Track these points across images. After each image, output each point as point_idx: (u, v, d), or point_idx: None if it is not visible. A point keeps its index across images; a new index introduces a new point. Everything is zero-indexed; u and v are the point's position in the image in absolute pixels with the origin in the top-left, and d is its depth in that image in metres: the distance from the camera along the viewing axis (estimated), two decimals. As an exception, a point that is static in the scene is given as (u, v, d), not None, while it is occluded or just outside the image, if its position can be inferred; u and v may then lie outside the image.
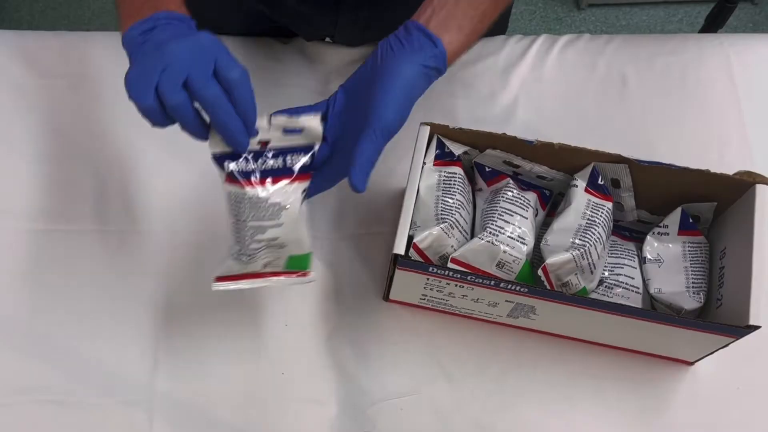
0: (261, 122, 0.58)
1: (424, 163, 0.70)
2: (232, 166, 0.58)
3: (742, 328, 0.63)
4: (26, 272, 0.77)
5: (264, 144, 0.59)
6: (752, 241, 0.66)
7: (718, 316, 0.69)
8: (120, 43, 0.87)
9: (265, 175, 0.58)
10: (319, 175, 0.61)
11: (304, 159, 0.60)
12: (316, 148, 0.60)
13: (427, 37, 0.60)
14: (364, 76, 0.61)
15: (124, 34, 0.57)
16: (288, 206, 0.59)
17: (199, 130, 0.56)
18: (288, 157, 0.59)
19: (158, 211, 0.80)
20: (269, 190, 0.59)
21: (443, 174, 0.72)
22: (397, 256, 0.65)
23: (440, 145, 0.72)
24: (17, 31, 0.89)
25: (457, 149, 0.73)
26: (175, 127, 0.57)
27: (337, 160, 0.61)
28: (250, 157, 0.58)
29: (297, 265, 0.62)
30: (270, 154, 0.59)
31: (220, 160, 0.58)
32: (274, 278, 0.62)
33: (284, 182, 0.59)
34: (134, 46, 0.56)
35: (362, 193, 0.58)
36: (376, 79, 0.59)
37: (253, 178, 0.58)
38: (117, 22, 0.61)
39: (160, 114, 0.54)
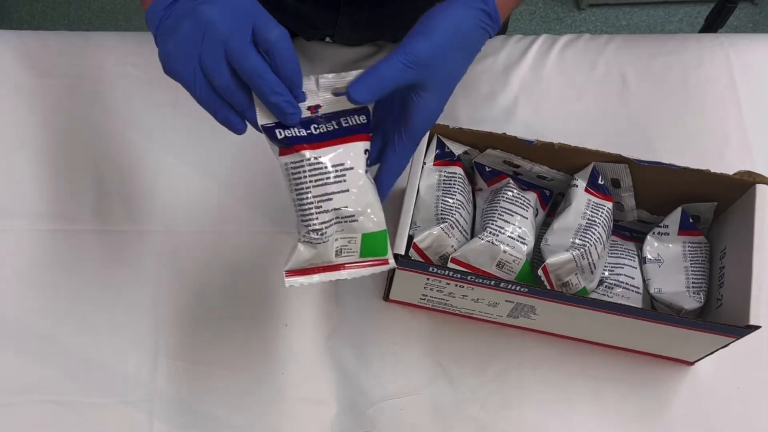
0: (308, 85, 0.53)
1: (424, 163, 0.70)
2: (285, 133, 0.53)
3: (742, 328, 0.63)
4: (26, 272, 0.77)
5: (314, 109, 0.54)
6: (752, 241, 0.66)
7: (718, 316, 0.69)
8: (120, 43, 0.88)
9: (321, 138, 0.54)
10: (378, 172, 0.57)
11: (360, 119, 0.55)
12: (371, 107, 0.56)
13: None
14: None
15: (146, 11, 0.53)
16: (352, 166, 0.54)
17: (251, 110, 0.52)
18: (342, 120, 0.55)
19: (159, 211, 0.80)
20: (328, 152, 0.54)
21: (443, 174, 0.72)
22: (397, 256, 0.65)
23: (440, 145, 0.72)
24: (17, 31, 0.89)
25: (457, 149, 0.73)
26: (175, 127, 0.57)
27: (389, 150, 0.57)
28: (301, 124, 0.54)
29: (373, 250, 0.57)
30: (322, 119, 0.54)
31: (270, 131, 0.53)
32: (350, 271, 0.57)
33: (343, 144, 0.54)
34: (158, 22, 0.52)
35: (359, 104, 0.52)
36: (414, 27, 0.55)
37: (308, 143, 0.53)
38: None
39: (209, 92, 0.51)
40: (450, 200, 0.70)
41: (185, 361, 0.74)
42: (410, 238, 0.68)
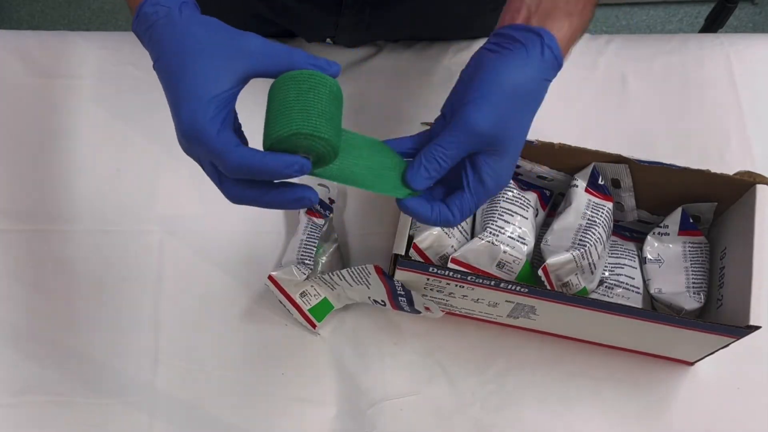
0: None
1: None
2: None
3: (742, 329, 0.63)
4: (26, 273, 0.77)
5: None
6: (752, 241, 0.66)
7: (719, 317, 0.69)
8: (120, 43, 0.88)
9: None
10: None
11: None
12: None
13: (530, 32, 0.51)
14: (456, 91, 0.53)
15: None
16: None
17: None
18: None
19: (159, 211, 0.80)
20: None
21: (443, 174, 0.72)
22: (397, 256, 0.65)
23: (440, 145, 0.72)
24: (17, 31, 0.89)
25: (457, 149, 0.72)
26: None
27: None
28: None
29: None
30: None
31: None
32: None
33: None
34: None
35: (419, 190, 0.51)
36: (467, 89, 0.51)
37: None
38: (123, 15, 0.60)
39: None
40: (450, 200, 0.70)
41: (185, 361, 0.74)
42: (410, 238, 0.68)
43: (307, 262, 0.72)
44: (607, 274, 0.73)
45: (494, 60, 0.51)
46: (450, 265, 0.69)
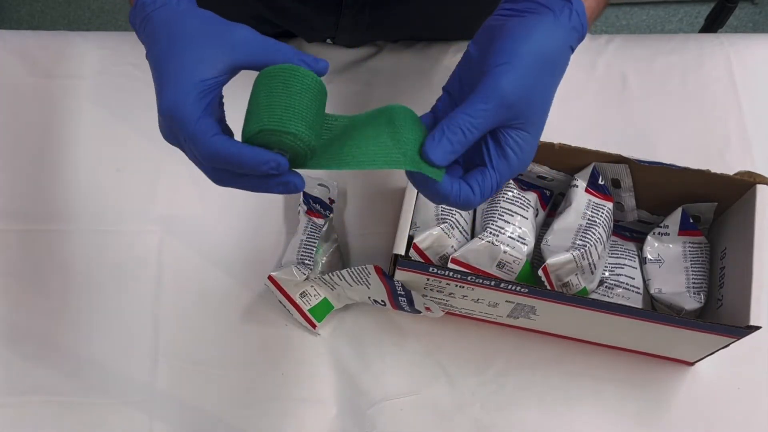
0: None
1: (424, 163, 0.70)
2: None
3: (742, 329, 0.63)
4: (26, 273, 0.77)
5: None
6: (752, 241, 0.66)
7: (719, 317, 0.69)
8: (120, 43, 0.88)
9: None
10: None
11: None
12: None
13: None
14: (468, 65, 0.49)
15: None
16: None
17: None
18: None
19: (158, 211, 0.80)
20: None
21: (443, 174, 0.72)
22: (397, 256, 0.65)
23: (440, 145, 0.72)
24: (17, 31, 0.89)
25: (457, 149, 0.72)
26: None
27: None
28: None
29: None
30: None
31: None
32: None
33: None
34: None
35: (440, 166, 0.45)
36: (491, 54, 0.47)
37: None
38: (123, 15, 0.59)
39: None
40: (450, 200, 0.70)
41: (185, 361, 0.74)
42: (410, 238, 0.68)
43: (307, 262, 0.72)
44: (607, 274, 0.73)
45: (520, 24, 0.47)
46: (450, 265, 0.69)
